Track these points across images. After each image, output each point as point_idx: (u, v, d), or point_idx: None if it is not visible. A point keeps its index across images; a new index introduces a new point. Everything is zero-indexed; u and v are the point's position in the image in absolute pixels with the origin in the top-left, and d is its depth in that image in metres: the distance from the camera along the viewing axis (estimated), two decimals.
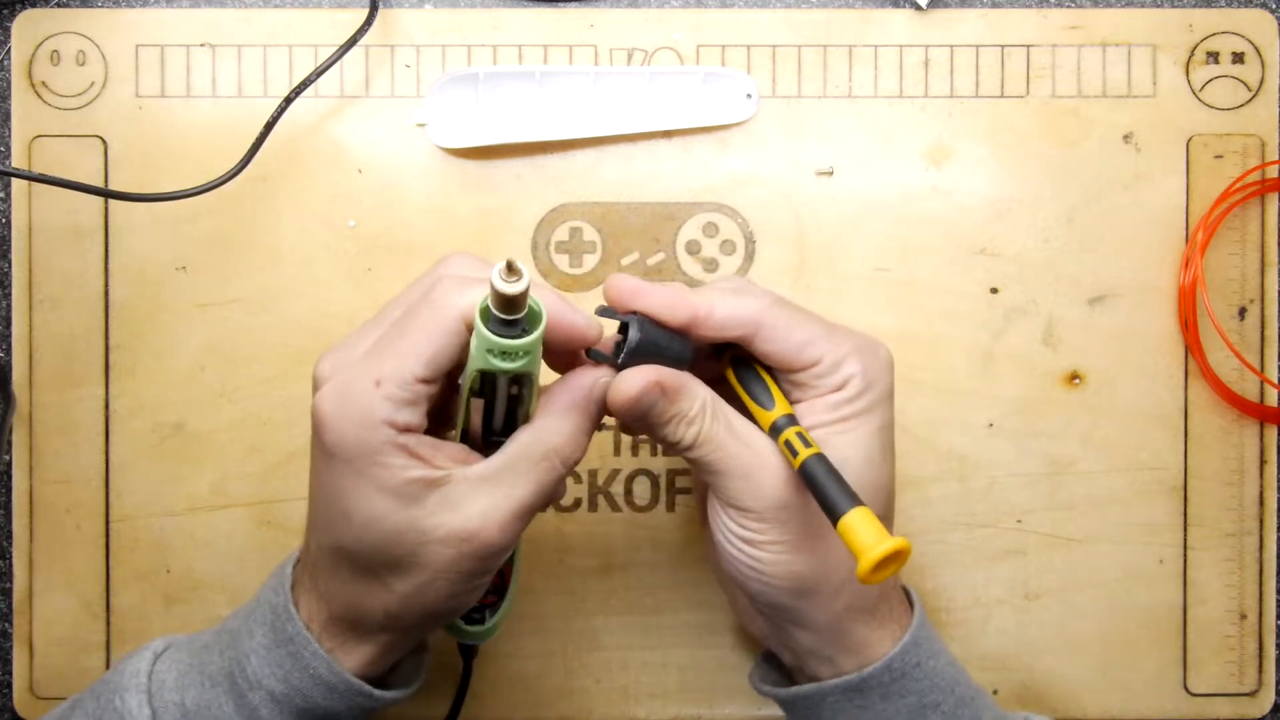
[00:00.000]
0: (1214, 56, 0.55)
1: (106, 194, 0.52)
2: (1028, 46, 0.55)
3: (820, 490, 0.40)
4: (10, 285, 0.54)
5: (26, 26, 0.54)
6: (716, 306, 0.42)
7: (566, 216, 0.54)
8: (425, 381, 0.39)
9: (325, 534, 0.42)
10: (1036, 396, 0.54)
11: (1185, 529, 0.55)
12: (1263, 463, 0.55)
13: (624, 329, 0.43)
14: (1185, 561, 0.55)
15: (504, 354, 0.39)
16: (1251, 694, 0.55)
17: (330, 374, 0.41)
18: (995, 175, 0.54)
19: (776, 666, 0.49)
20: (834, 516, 0.39)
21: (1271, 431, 0.55)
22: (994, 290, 0.54)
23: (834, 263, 0.54)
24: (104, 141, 0.54)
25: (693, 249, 0.54)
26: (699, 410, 0.42)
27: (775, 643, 0.48)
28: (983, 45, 0.55)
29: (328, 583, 0.43)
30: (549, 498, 0.42)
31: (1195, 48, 0.55)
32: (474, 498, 0.40)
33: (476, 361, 0.39)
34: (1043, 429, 0.54)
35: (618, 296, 0.43)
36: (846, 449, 0.43)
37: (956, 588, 0.55)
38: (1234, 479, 0.55)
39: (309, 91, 0.52)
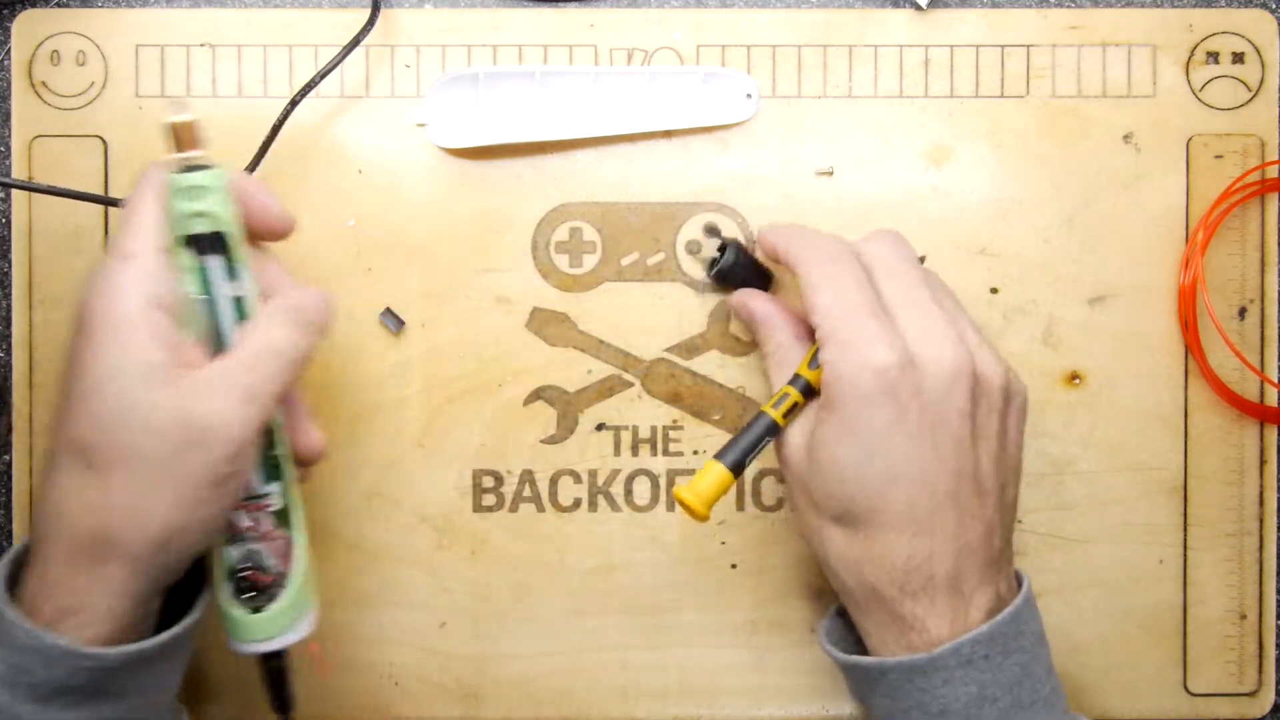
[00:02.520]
0: (1214, 56, 0.55)
1: (112, 202, 0.52)
2: (1028, 46, 0.55)
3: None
4: (10, 286, 0.54)
5: (26, 26, 0.54)
6: (803, 274, 0.47)
7: (566, 216, 0.54)
8: (163, 251, 0.42)
9: (67, 427, 0.41)
10: (1036, 396, 0.54)
11: (1185, 529, 0.55)
12: (1263, 463, 0.55)
13: (722, 249, 0.53)
14: (1185, 561, 0.55)
15: (192, 195, 0.43)
16: (1251, 694, 0.55)
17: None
18: (995, 175, 0.54)
19: (846, 624, 0.49)
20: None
21: (1271, 431, 0.55)
22: (994, 290, 0.55)
23: None
24: (104, 141, 0.54)
25: (693, 249, 0.54)
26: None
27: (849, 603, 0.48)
28: (983, 45, 0.55)
29: (64, 499, 0.41)
30: (281, 386, 0.43)
31: (1195, 48, 0.55)
32: (204, 388, 0.41)
33: (174, 218, 0.43)
34: (1043, 429, 0.54)
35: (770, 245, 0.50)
36: (817, 438, 0.46)
37: None
38: (1234, 479, 0.55)
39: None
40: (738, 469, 0.47)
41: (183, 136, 0.44)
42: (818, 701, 0.55)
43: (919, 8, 0.54)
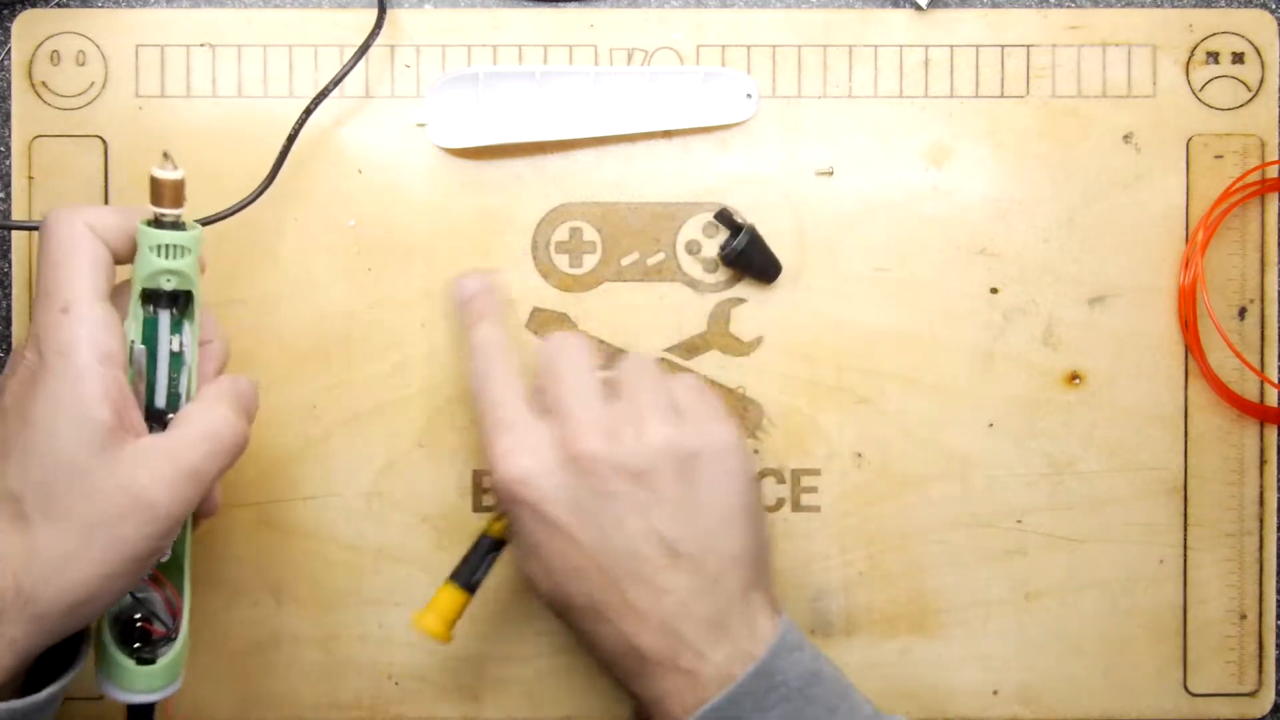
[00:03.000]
0: (1214, 56, 0.55)
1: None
2: (1028, 46, 0.55)
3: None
4: (10, 285, 0.54)
5: (26, 26, 0.54)
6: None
7: (566, 216, 0.54)
8: (104, 300, 0.41)
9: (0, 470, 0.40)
10: (1036, 396, 0.54)
11: (1185, 529, 0.55)
12: (1263, 463, 0.55)
13: (737, 231, 0.53)
14: (1185, 561, 0.55)
15: (169, 252, 0.42)
16: (1251, 694, 0.55)
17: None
18: (995, 175, 0.54)
19: None
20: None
21: (1271, 431, 0.55)
22: (994, 290, 0.55)
23: (834, 263, 0.54)
24: (104, 141, 0.54)
25: (693, 249, 0.54)
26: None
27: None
28: (983, 45, 0.55)
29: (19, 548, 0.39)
30: (219, 470, 0.43)
31: (1195, 48, 0.55)
32: (147, 459, 0.41)
33: (142, 271, 0.42)
34: (1043, 429, 0.54)
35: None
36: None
37: (957, 588, 0.54)
38: (1234, 479, 0.55)
39: (305, 90, 0.52)
40: (471, 588, 0.50)
41: (166, 191, 0.42)
42: None
43: (919, 8, 0.54)
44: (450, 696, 0.54)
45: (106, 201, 0.54)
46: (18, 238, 0.54)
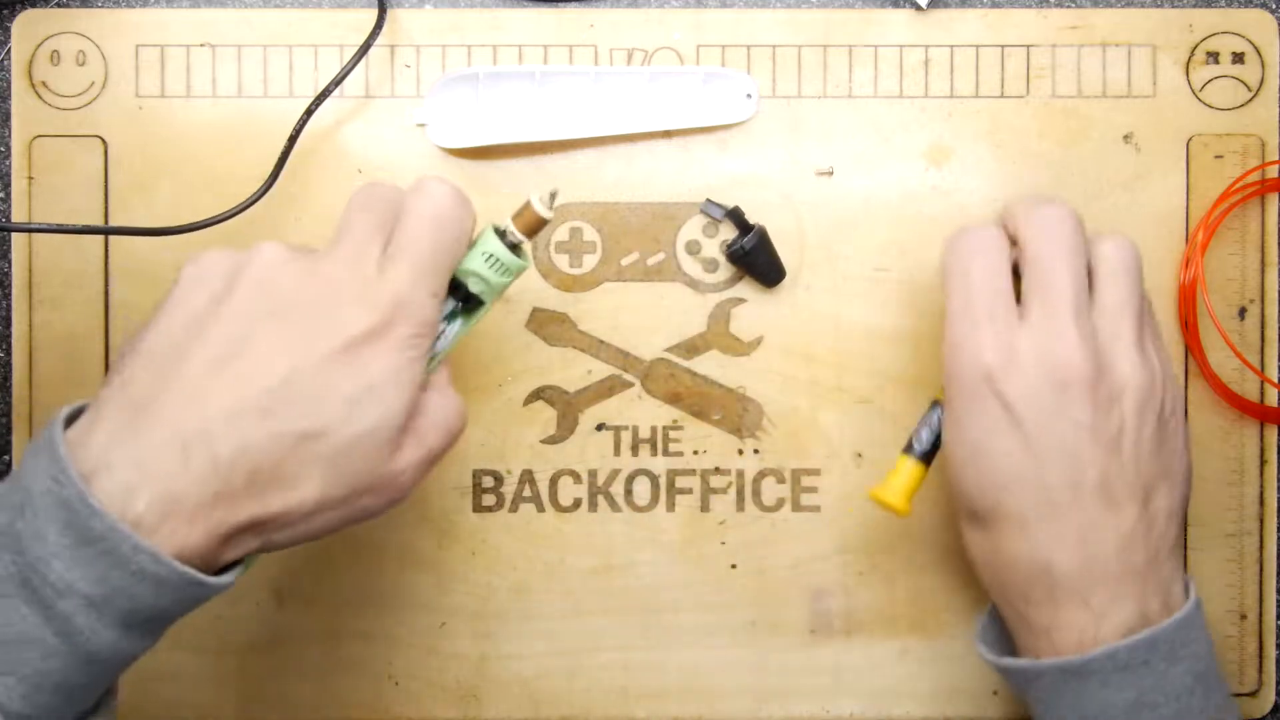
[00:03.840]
0: (1214, 56, 0.55)
1: (133, 232, 0.52)
2: (1028, 46, 0.55)
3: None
4: (10, 285, 0.54)
5: (26, 26, 0.54)
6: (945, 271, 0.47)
7: (566, 216, 0.54)
8: (436, 296, 0.43)
9: (316, 416, 0.39)
10: None
11: (1185, 529, 0.55)
12: (1263, 463, 0.55)
13: (748, 229, 0.53)
14: (1185, 561, 0.55)
15: (495, 264, 0.44)
16: (1251, 694, 0.55)
17: (348, 260, 0.41)
18: (995, 175, 0.54)
19: (1001, 623, 0.48)
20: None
21: (1271, 431, 0.55)
22: None
23: (834, 263, 0.54)
24: (104, 141, 0.54)
25: (693, 249, 0.54)
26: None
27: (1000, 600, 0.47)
28: (983, 45, 0.55)
29: (272, 464, 0.39)
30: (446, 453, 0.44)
31: (1195, 48, 0.55)
32: (413, 446, 0.42)
33: (463, 263, 0.44)
34: None
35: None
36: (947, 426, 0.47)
37: (957, 588, 0.54)
38: (1234, 479, 0.55)
39: (305, 90, 0.53)
40: (926, 459, 0.49)
41: (530, 221, 0.44)
42: (818, 701, 0.55)
43: (919, 8, 0.54)
44: (450, 696, 0.54)
45: (105, 199, 0.54)
46: (18, 237, 0.54)
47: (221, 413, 0.39)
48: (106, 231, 0.53)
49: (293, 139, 0.51)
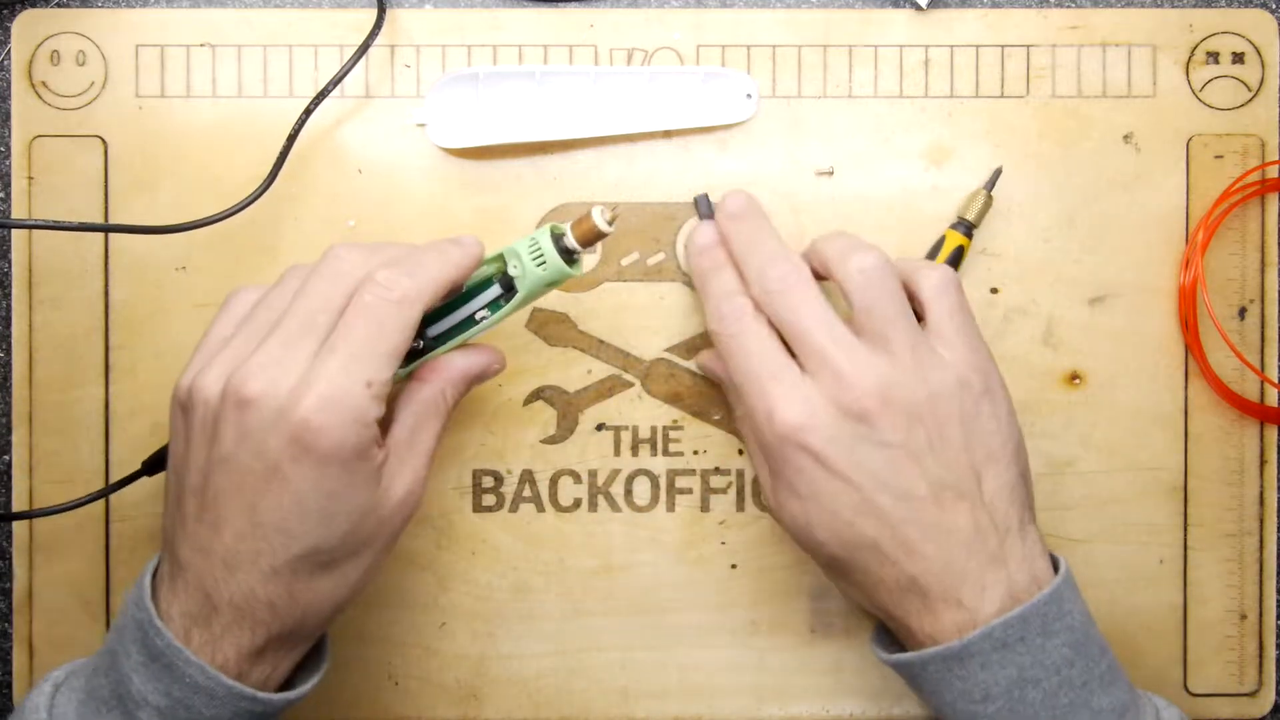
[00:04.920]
0: (1214, 56, 0.55)
1: (133, 230, 0.52)
2: (1028, 46, 0.55)
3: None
4: (10, 285, 0.54)
5: (26, 26, 0.54)
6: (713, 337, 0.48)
7: (566, 216, 0.54)
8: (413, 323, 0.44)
9: (296, 542, 0.42)
10: (1036, 396, 0.54)
11: (1185, 529, 0.55)
12: (1263, 463, 0.55)
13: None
14: (1185, 561, 0.55)
15: (538, 258, 0.45)
16: (1251, 694, 0.55)
17: (266, 389, 0.42)
18: (992, 173, 0.54)
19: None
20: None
21: (1271, 431, 0.55)
22: (994, 290, 0.54)
23: None
24: (104, 141, 0.54)
25: None
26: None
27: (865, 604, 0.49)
28: (983, 45, 0.55)
29: (281, 594, 0.43)
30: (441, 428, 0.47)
31: (1195, 48, 0.55)
32: (405, 462, 0.45)
33: (515, 246, 0.46)
34: (1043, 429, 0.54)
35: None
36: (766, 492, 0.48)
37: None
38: (1234, 479, 0.55)
39: (305, 90, 0.52)
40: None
41: (587, 232, 0.45)
42: (818, 701, 0.55)
43: (919, 8, 0.54)
44: (450, 696, 0.54)
45: (106, 199, 0.54)
46: (17, 236, 0.54)
47: (221, 563, 0.43)
48: (106, 229, 0.53)
49: (292, 138, 0.52)
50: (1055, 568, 0.47)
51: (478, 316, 0.47)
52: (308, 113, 0.52)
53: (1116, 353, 0.55)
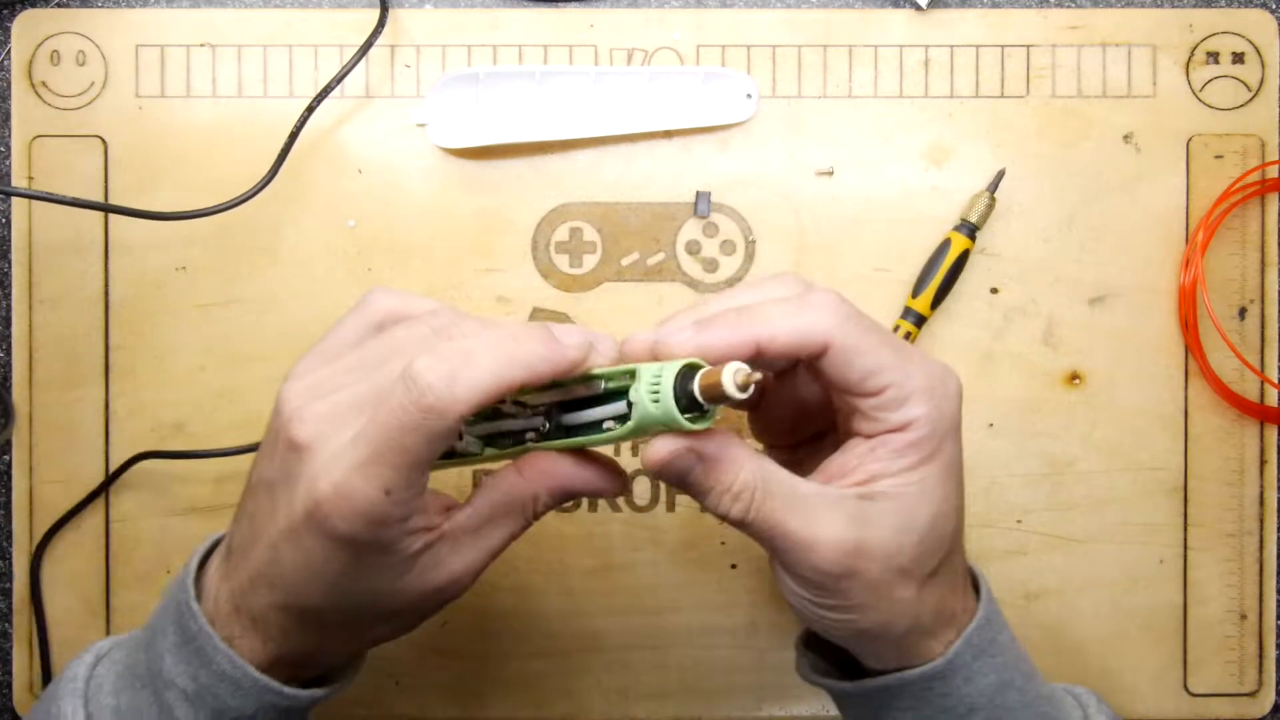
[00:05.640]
0: (1214, 56, 0.55)
1: (133, 213, 0.52)
2: (1028, 46, 0.55)
3: None
4: (10, 285, 0.54)
5: (26, 26, 0.54)
6: (778, 333, 0.38)
7: (566, 216, 0.54)
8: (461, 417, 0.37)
9: (306, 599, 0.39)
10: (1036, 396, 0.54)
11: (1185, 529, 0.55)
12: (1263, 463, 0.55)
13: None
14: (1185, 561, 0.55)
15: (654, 394, 0.37)
16: (1251, 694, 0.55)
17: (312, 443, 0.38)
18: (995, 175, 0.54)
19: (820, 651, 0.46)
20: None
21: (1271, 431, 0.55)
22: (994, 290, 0.55)
23: (834, 263, 0.54)
24: (104, 141, 0.54)
25: (693, 249, 0.54)
26: (744, 485, 0.39)
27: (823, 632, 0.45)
28: (983, 45, 0.55)
29: (294, 627, 0.41)
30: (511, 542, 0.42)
31: (1195, 48, 0.55)
32: (458, 552, 0.40)
33: (644, 403, 0.37)
34: (1043, 429, 0.54)
35: (662, 351, 0.39)
36: (915, 503, 0.40)
37: None
38: (1234, 479, 0.55)
39: (305, 90, 0.53)
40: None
41: (714, 391, 0.36)
42: (818, 701, 0.55)
43: (919, 8, 0.54)
44: (450, 696, 0.54)
45: (106, 199, 0.54)
46: (18, 236, 0.54)
47: (248, 575, 0.41)
48: (105, 209, 0.53)
49: (293, 136, 0.52)
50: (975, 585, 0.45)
51: (605, 426, 0.39)
52: (308, 112, 0.52)
53: (1116, 353, 0.55)
